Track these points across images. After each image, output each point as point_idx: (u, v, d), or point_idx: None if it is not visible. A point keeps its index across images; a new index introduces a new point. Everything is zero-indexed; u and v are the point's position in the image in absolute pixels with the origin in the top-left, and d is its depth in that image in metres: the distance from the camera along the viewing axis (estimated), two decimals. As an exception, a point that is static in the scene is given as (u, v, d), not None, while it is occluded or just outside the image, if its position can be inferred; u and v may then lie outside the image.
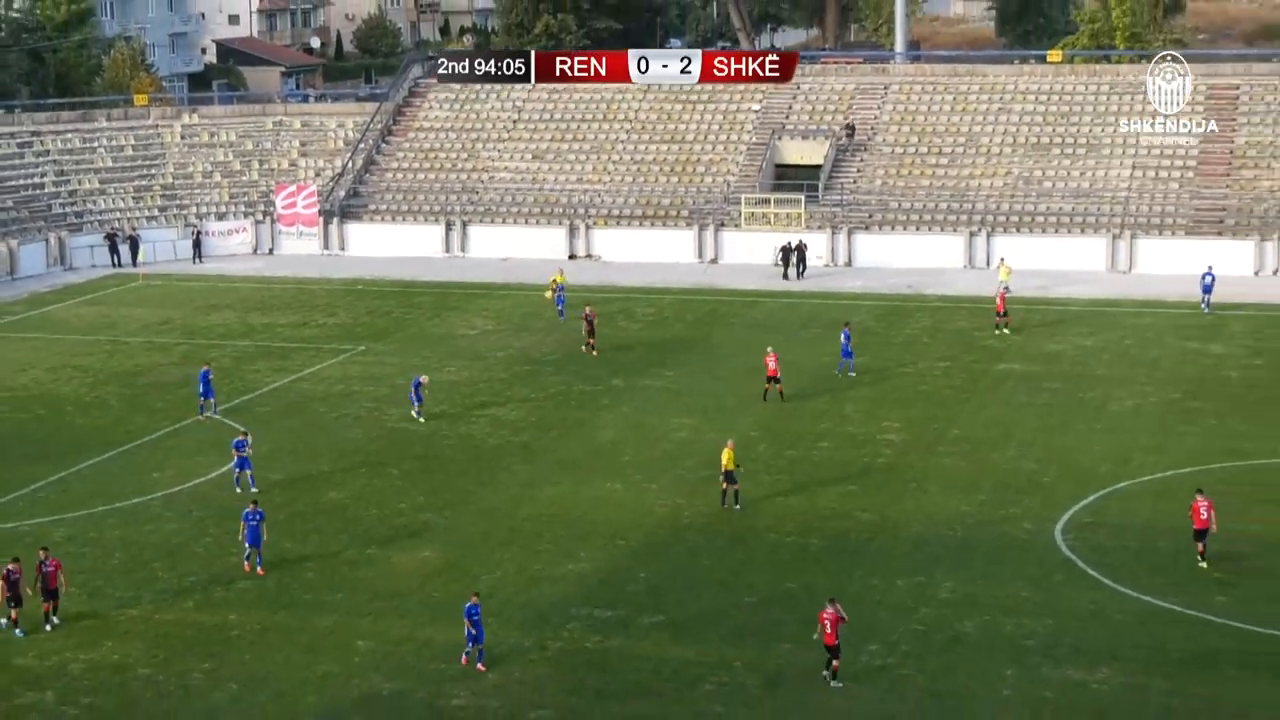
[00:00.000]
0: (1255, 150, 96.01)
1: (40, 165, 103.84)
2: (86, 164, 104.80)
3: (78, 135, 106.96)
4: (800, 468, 55.24)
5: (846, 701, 38.62)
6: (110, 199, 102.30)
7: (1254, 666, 40.11)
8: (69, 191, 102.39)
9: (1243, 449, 57.95)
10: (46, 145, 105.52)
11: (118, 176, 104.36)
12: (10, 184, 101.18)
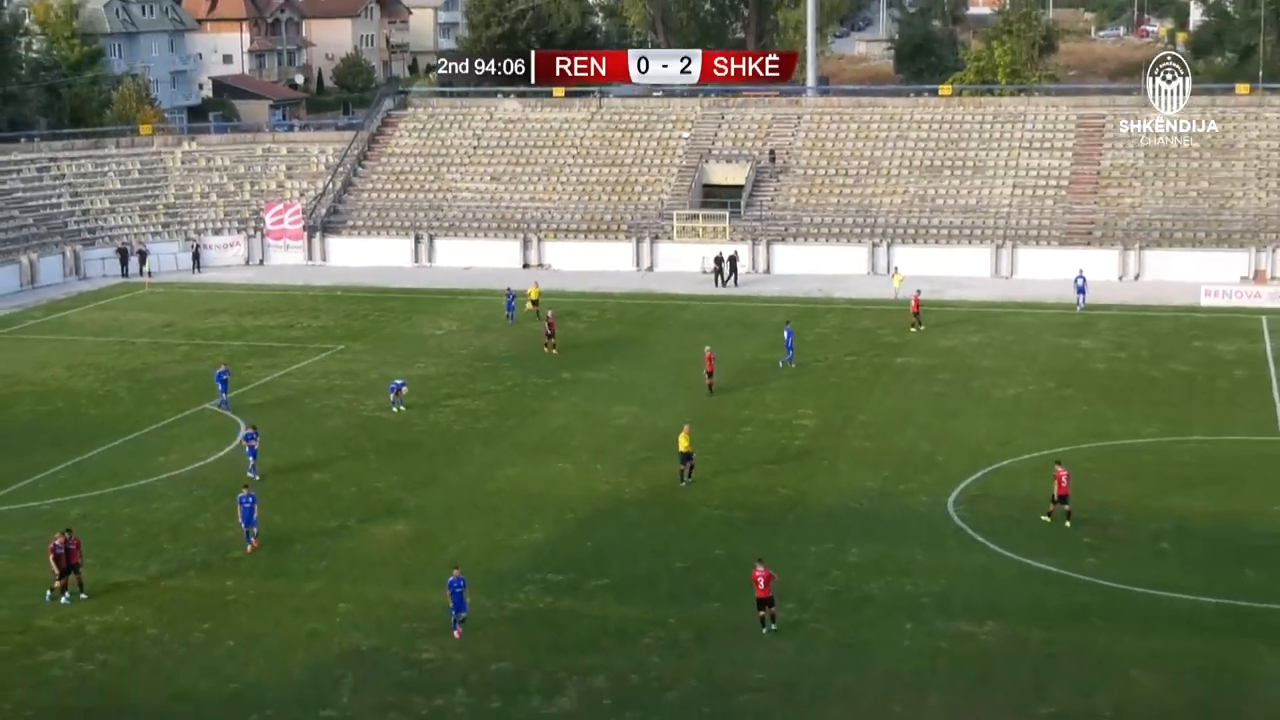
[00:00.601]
0: (1119, 172, 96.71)
1: (57, 187, 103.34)
2: (98, 186, 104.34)
3: (90, 161, 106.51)
4: (726, 450, 55.32)
5: (768, 652, 38.78)
6: (119, 217, 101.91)
7: (1119, 618, 40.62)
8: (82, 210, 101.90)
9: (1109, 431, 58.45)
10: (62, 170, 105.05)
11: (126, 197, 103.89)
12: (30, 204, 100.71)
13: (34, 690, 37.33)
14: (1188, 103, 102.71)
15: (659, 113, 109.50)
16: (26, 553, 46.61)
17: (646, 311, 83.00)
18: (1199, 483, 52.03)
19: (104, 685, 37.64)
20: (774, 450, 56.02)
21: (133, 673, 38.30)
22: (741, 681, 37.22)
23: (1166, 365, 69.15)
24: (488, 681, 37.39)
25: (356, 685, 37.38)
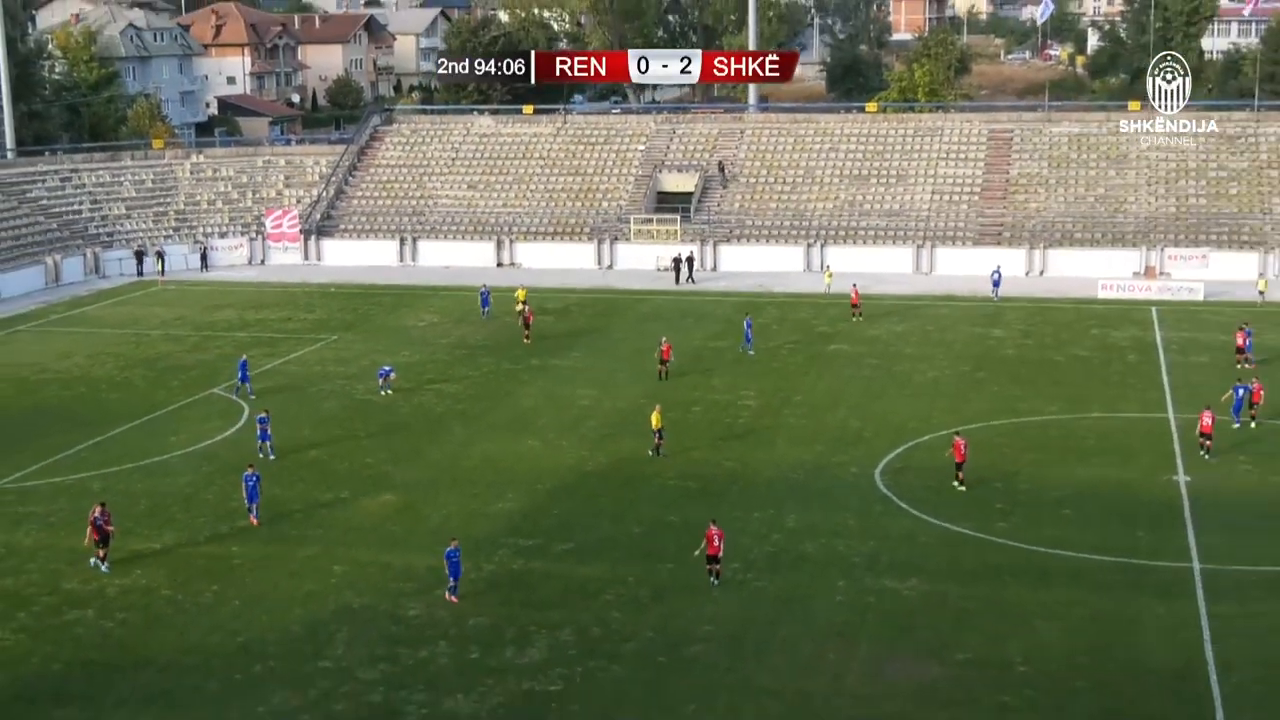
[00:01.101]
0: (1025, 179, 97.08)
1: (78, 195, 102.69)
2: (115, 194, 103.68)
3: (108, 171, 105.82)
4: (677, 427, 55.30)
5: (715, 607, 38.90)
6: (134, 222, 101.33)
7: (1026, 574, 40.93)
8: (101, 216, 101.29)
9: (1017, 409, 58.71)
10: (83, 180, 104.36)
11: (140, 204, 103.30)
12: (54, 210, 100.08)
13: (60, 645, 37.25)
14: (1085, 118, 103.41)
15: (617, 128, 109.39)
16: (53, 523, 46.50)
17: (607, 305, 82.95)
18: (1096, 454, 52.40)
19: (123, 641, 37.60)
20: (720, 428, 56.09)
21: (149, 629, 38.25)
22: (692, 634, 37.34)
23: (1068, 351, 69.45)
24: (466, 635, 37.44)
25: (349, 639, 37.38)
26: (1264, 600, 38.86)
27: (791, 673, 35.19)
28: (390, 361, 66.06)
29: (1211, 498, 47.09)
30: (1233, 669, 34.75)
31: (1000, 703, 33.44)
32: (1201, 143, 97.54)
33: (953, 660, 35.54)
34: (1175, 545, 42.87)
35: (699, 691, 34.32)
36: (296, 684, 34.87)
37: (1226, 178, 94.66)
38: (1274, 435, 54.11)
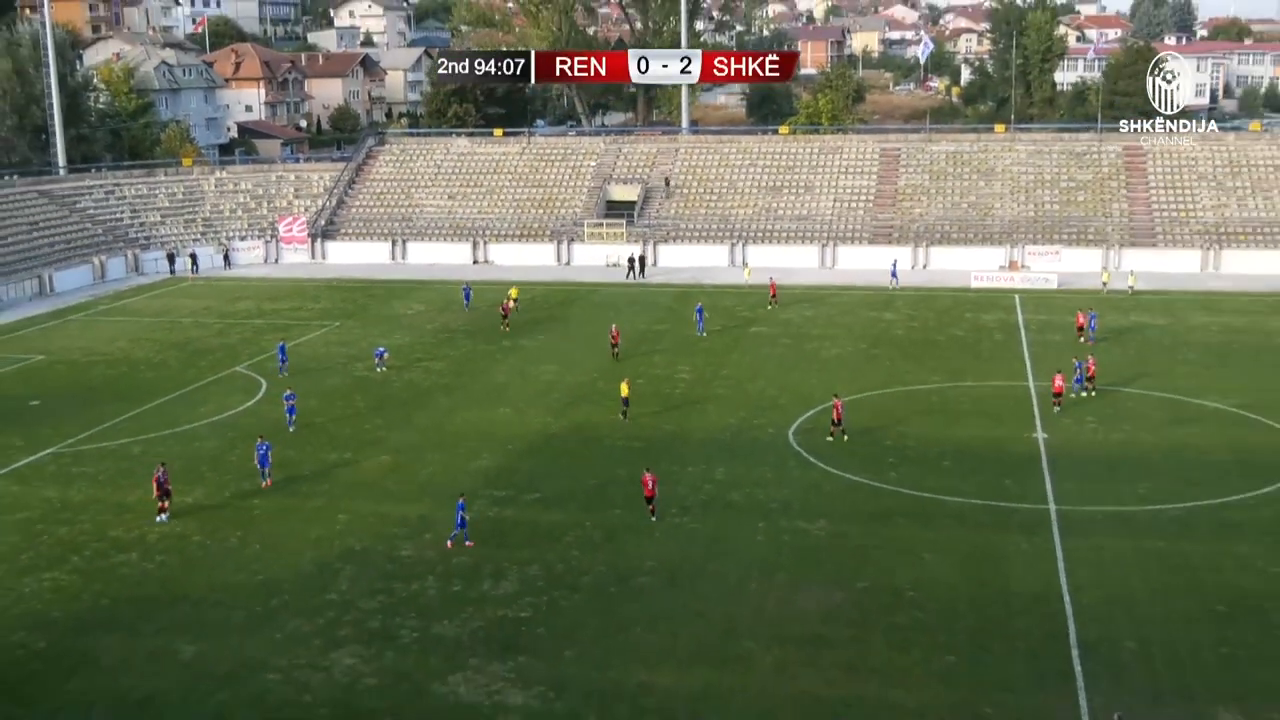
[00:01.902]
0: (910, 189, 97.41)
1: (119, 206, 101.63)
2: (151, 204, 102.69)
3: (144, 185, 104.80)
4: (640, 398, 55.21)
5: (657, 546, 39.01)
6: (168, 228, 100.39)
7: (913, 516, 41.19)
8: (139, 223, 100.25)
9: (905, 379, 58.99)
10: (124, 192, 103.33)
11: (172, 213, 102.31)
12: (100, 218, 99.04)
13: (108, 584, 37.11)
14: (959, 138, 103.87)
15: (573, 147, 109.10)
16: (101, 481, 46.17)
17: (566, 295, 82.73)
18: (970, 416, 52.76)
19: (162, 579, 37.43)
20: (660, 398, 56.06)
21: (183, 570, 38.06)
22: (638, 568, 37.43)
23: (947, 331, 69.81)
24: (451, 571, 37.40)
25: (352, 576, 37.30)
26: (1107, 535, 39.36)
27: (720, 600, 35.31)
28: (384, 344, 65.93)
29: (1064, 451, 47.56)
30: (1082, 592, 35.17)
31: (893, 623, 33.64)
32: (1055, 158, 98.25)
33: (854, 588, 35.76)
34: (1035, 491, 43.29)
35: (644, 616, 34.41)
36: (308, 614, 34.79)
37: (1075, 187, 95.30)
38: (1114, 399, 54.67)
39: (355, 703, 30.27)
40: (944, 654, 31.94)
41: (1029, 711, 29.19)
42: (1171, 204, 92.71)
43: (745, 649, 32.48)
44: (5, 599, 36.20)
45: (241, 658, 32.47)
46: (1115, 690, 30.09)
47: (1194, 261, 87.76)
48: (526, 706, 29.95)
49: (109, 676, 31.77)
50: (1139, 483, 43.85)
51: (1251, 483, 43.68)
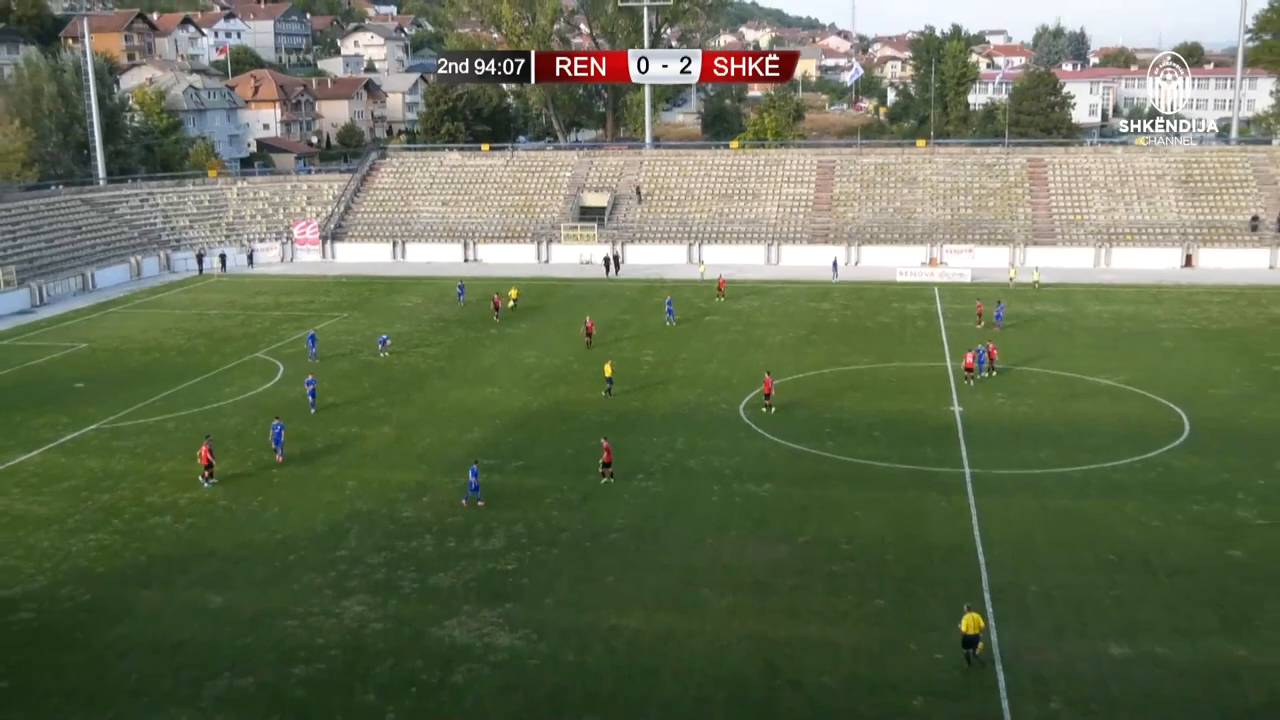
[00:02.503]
0: (844, 196, 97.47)
1: (153, 212, 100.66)
2: (181, 211, 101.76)
3: (175, 194, 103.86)
4: (598, 377, 55.21)
5: (625, 507, 39.08)
6: (195, 231, 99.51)
7: (847, 479, 41.28)
8: (170, 227, 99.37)
9: (840, 360, 59.10)
10: (157, 200, 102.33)
11: (199, 218, 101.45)
12: (135, 223, 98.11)
13: (146, 543, 36.94)
14: (885, 152, 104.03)
15: (550, 160, 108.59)
16: (139, 454, 45.83)
17: (545, 289, 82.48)
18: (896, 393, 52.94)
19: (192, 539, 37.23)
20: (628, 378, 55.93)
21: (211, 530, 37.90)
22: (609, 525, 37.44)
23: (876, 319, 69.97)
24: (445, 530, 37.35)
25: (359, 534, 37.20)
26: (1014, 494, 39.62)
27: (681, 553, 35.38)
28: (386, 332, 65.55)
29: (977, 422, 47.82)
30: (992, 544, 35.41)
31: (830, 571, 33.79)
32: (968, 169, 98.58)
33: (796, 542, 35.90)
34: (952, 457, 43.53)
35: (615, 567, 34.46)
36: (321, 568, 34.71)
37: (986, 194, 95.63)
38: (1020, 377, 54.95)
39: (363, 645, 30.23)
40: (874, 598, 32.12)
41: (949, 648, 29.35)
42: (1069, 208, 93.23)
43: (702, 596, 32.56)
44: (55, 557, 36.02)
45: (263, 606, 32.39)
46: (1021, 628, 30.34)
47: (1088, 258, 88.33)
48: (513, 647, 29.97)
49: (146, 624, 31.68)
50: (1041, 449, 44.18)
51: (1137, 449, 44.09)
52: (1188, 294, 76.18)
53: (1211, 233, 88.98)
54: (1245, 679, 27.96)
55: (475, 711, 27.24)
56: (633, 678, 28.51)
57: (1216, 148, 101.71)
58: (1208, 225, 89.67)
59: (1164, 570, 33.62)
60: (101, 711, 27.54)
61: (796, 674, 28.43)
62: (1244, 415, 48.29)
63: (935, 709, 26.90)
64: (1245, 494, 39.28)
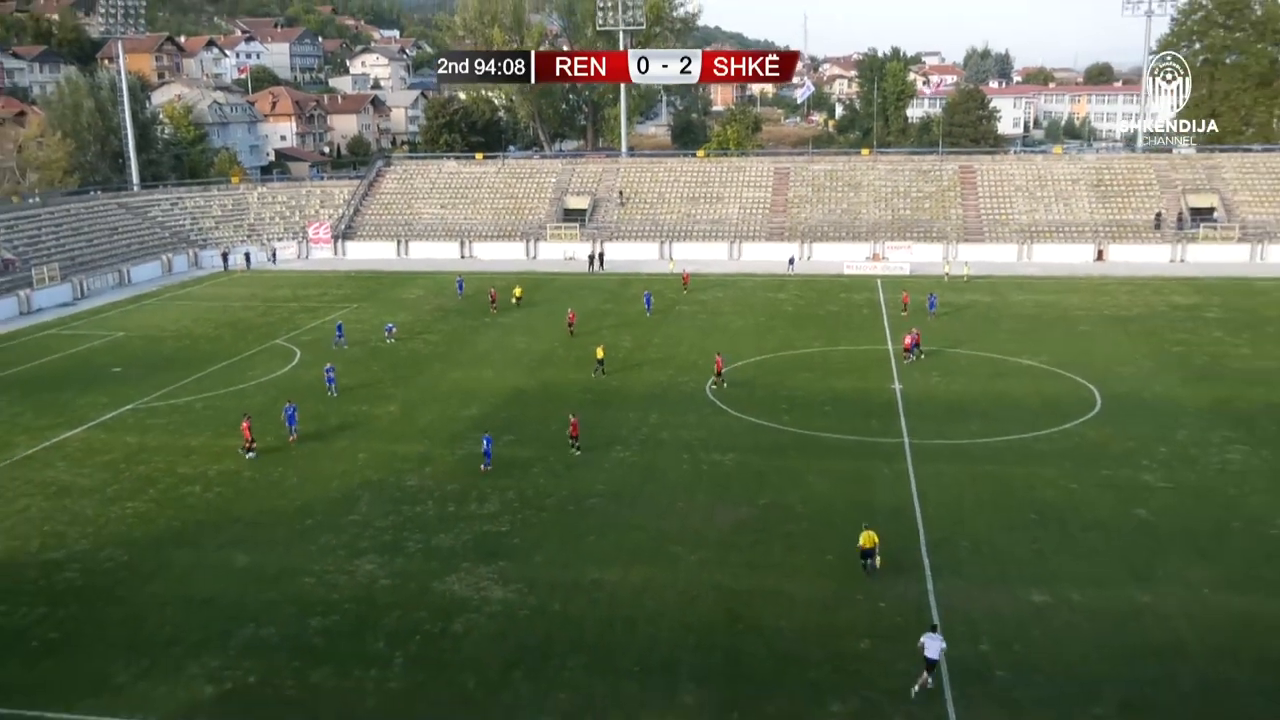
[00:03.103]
0: (797, 199, 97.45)
1: (182, 215, 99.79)
2: (207, 213, 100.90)
3: (201, 198, 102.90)
4: (581, 362, 55.21)
5: (604, 475, 39.03)
6: (220, 232, 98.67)
7: (802, 449, 41.34)
8: (198, 228, 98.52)
9: (794, 344, 59.14)
10: (185, 204, 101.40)
11: (224, 220, 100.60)
12: (166, 224, 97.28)
13: (178, 510, 36.72)
14: (834, 160, 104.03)
15: (537, 167, 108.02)
16: (171, 430, 45.52)
17: (533, 283, 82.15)
18: (845, 372, 53.00)
19: (219, 506, 37.04)
20: (608, 361, 55.65)
21: (237, 498, 37.69)
22: (590, 491, 37.44)
23: (825, 308, 70.05)
24: (445, 496, 37.28)
25: (369, 501, 37.07)
26: (947, 462, 39.80)
27: (654, 516, 35.41)
28: (392, 320, 65.12)
29: (915, 398, 47.96)
30: (928, 504, 35.62)
31: (787, 530, 33.91)
32: (907, 175, 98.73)
33: (756, 504, 36.00)
34: (893, 429, 43.67)
35: (595, 528, 34.48)
36: (335, 531, 34.60)
37: (922, 197, 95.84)
38: (952, 358, 55.15)
39: (374, 599, 30.18)
40: (825, 554, 32.25)
41: (890, 595, 29.55)
42: (995, 209, 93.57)
43: (673, 552, 32.62)
44: (97, 522, 35.81)
45: (284, 565, 32.29)
46: (954, 579, 30.54)
47: (1012, 253, 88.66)
48: (505, 599, 29.98)
49: (179, 581, 31.54)
50: (971, 422, 44.39)
51: (1055, 421, 44.39)
52: (1099, 285, 76.67)
53: (1120, 230, 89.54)
54: (1148, 622, 28.28)
55: (473, 657, 27.27)
56: (612, 625, 28.58)
57: (1124, 155, 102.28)
58: (1116, 224, 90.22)
59: (1078, 527, 33.91)
60: (140, 659, 27.45)
61: (757, 621, 28.56)
62: (1148, 391, 48.72)
63: (879, 650, 27.08)
64: (1149, 460, 39.66)
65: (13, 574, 32.22)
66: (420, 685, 26.14)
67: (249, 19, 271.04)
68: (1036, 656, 26.72)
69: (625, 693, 25.66)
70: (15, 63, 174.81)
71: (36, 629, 29.07)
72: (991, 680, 25.86)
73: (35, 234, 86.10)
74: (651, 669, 26.55)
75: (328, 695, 25.84)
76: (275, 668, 26.93)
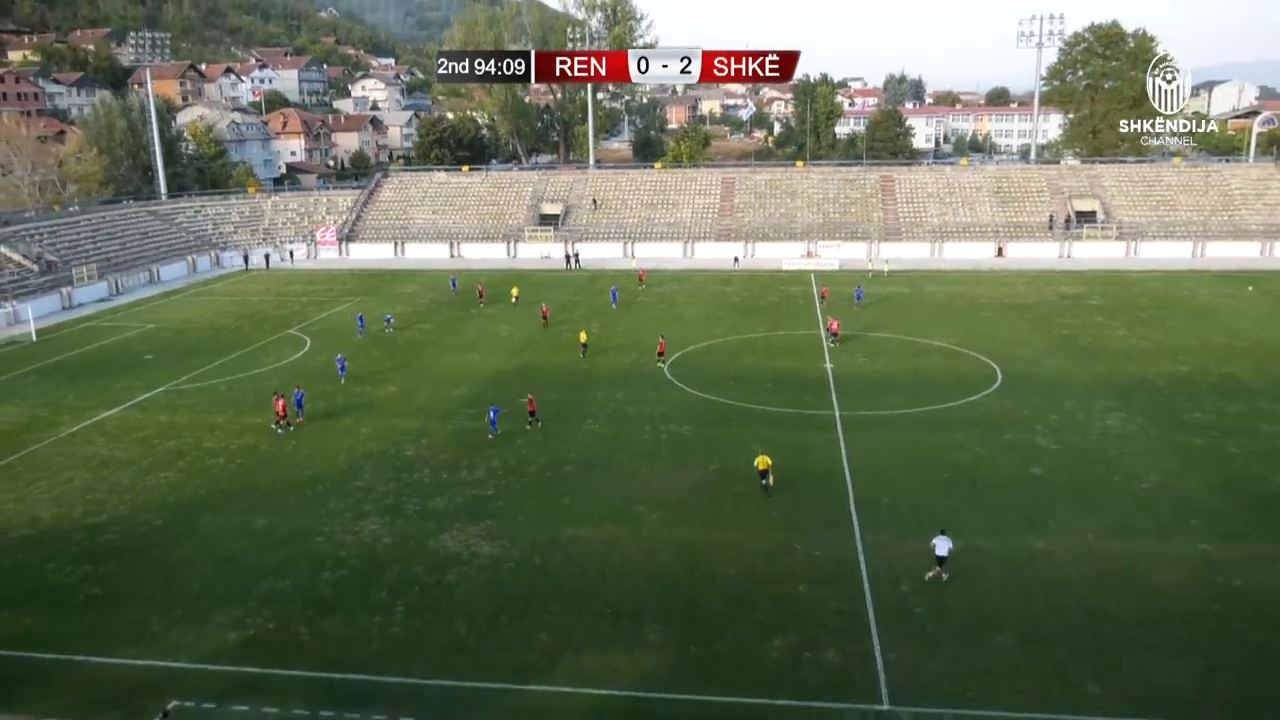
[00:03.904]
0: (742, 204, 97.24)
1: (205, 221, 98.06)
2: (226, 219, 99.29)
3: (222, 206, 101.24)
4: (555, 347, 54.95)
5: (577, 446, 38.84)
6: (239, 236, 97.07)
7: (747, 421, 41.23)
8: (219, 232, 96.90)
9: (740, 331, 59.02)
10: (208, 211, 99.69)
11: (242, 225, 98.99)
12: (191, 229, 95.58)
13: (204, 480, 36.19)
14: (773, 171, 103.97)
15: (516, 178, 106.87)
16: (198, 409, 44.82)
17: (513, 279, 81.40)
18: (783, 354, 53.02)
19: (240, 475, 36.55)
20: (578, 347, 55.65)
21: (255, 469, 37.20)
22: (565, 459, 37.28)
23: (767, 299, 70.05)
24: (440, 464, 36.99)
25: (372, 469, 36.72)
26: (871, 431, 39.96)
27: (620, 481, 35.32)
28: (391, 312, 64.46)
29: (844, 376, 48.11)
30: (856, 467, 35.76)
31: (735, 491, 33.94)
32: (835, 183, 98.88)
33: (709, 469, 35.96)
34: (825, 402, 43.77)
35: (570, 491, 34.35)
36: (342, 496, 34.26)
37: (849, 202, 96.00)
38: (875, 341, 55.30)
39: (376, 555, 29.93)
40: (769, 511, 32.34)
41: (824, 544, 29.68)
42: (911, 213, 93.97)
43: (638, 511, 32.58)
44: (133, 491, 35.25)
45: (297, 527, 31.93)
46: (878, 531, 30.73)
47: (926, 250, 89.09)
48: (492, 554, 29.82)
49: (206, 542, 31.12)
50: (892, 395, 44.60)
51: (963, 394, 44.71)
52: (999, 277, 77.24)
53: (1016, 231, 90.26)
54: (1041, 563, 28.61)
55: (464, 604, 27.12)
56: (585, 575, 28.51)
57: (1020, 166, 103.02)
58: (1014, 225, 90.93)
59: (983, 485, 34.21)
60: (172, 610, 27.09)
61: (711, 569, 28.60)
62: (1041, 368, 49.19)
63: (816, 592, 27.21)
64: (1042, 426, 40.08)
65: (60, 537, 31.71)
66: (419, 630, 25.98)
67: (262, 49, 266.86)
68: (949, 596, 26.96)
69: (598, 633, 25.64)
70: (55, 88, 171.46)
71: (81, 585, 28.62)
72: (911, 617, 26.07)
73: (75, 238, 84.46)
74: (620, 613, 26.52)
75: (337, 640, 25.63)
76: (291, 616, 26.68)
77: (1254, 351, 51.44)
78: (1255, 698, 22.82)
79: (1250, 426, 39.55)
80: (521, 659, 24.49)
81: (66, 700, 23.53)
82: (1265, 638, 24.85)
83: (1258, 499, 32.67)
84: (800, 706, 22.72)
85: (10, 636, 26.07)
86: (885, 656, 24.36)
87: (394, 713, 22.78)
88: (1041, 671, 23.73)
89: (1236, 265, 79.89)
